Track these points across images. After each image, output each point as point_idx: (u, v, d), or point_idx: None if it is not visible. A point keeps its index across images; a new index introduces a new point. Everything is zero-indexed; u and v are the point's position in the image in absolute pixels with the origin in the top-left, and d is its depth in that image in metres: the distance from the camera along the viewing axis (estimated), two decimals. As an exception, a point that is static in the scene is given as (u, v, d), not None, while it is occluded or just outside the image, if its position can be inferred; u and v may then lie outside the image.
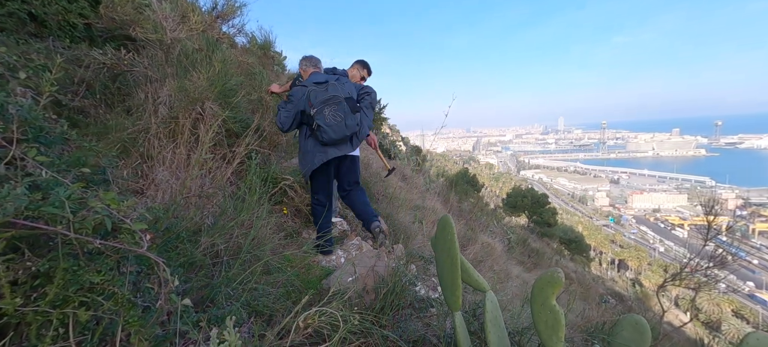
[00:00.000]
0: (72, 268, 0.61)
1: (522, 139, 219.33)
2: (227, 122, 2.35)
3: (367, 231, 2.55)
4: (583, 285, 13.82)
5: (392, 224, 3.69)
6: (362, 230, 2.88)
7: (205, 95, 2.38)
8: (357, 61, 2.95)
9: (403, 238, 3.74)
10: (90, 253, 0.66)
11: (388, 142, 11.44)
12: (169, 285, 0.69)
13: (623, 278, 38.08)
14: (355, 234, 2.59)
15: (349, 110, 2.18)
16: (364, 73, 2.88)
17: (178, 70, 2.81)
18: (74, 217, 0.61)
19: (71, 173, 0.80)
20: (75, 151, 1.04)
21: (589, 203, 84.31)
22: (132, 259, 0.71)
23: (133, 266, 0.72)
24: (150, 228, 0.91)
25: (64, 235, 0.60)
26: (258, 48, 6.08)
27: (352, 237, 2.50)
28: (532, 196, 24.44)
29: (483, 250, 6.80)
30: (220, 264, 1.35)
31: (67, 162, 0.84)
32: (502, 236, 10.76)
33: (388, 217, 3.77)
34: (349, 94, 2.25)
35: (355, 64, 2.93)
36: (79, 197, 0.64)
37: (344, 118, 2.18)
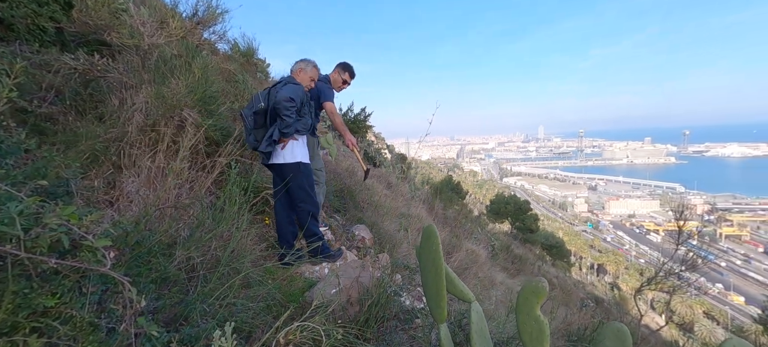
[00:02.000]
0: (23, 291, 0.55)
1: (504, 147, 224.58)
2: (208, 130, 2.28)
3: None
4: (564, 290, 14.14)
5: (377, 232, 3.66)
6: (347, 240, 2.84)
7: (184, 102, 2.31)
8: (338, 65, 2.90)
9: (388, 247, 3.71)
10: (45, 273, 0.60)
11: (373, 150, 11.44)
12: (135, 305, 0.64)
13: (602, 282, 39.22)
14: (340, 244, 2.55)
15: (252, 127, 2.22)
16: (346, 76, 2.82)
17: (156, 77, 2.71)
18: (26, 235, 0.56)
19: (28, 185, 0.73)
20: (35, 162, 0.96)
21: (568, 210, 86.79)
22: (95, 278, 0.65)
23: (95, 285, 0.66)
24: (117, 243, 0.85)
25: (14, 255, 0.54)
26: (240, 55, 5.99)
27: (336, 246, 2.45)
28: (515, 203, 24.94)
29: (468, 257, 6.85)
30: (196, 279, 1.28)
31: (25, 174, 0.78)
32: (486, 242, 10.89)
33: (373, 225, 3.74)
34: (258, 109, 2.20)
35: (336, 68, 2.88)
36: (33, 213, 0.59)
37: (246, 136, 2.28)
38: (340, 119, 2.57)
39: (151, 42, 2.52)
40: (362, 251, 2.72)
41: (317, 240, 2.29)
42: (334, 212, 3.55)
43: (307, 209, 2.29)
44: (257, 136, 2.22)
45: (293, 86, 2.21)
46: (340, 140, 9.97)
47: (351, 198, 4.00)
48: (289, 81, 2.26)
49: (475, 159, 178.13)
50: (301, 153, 2.30)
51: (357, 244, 2.85)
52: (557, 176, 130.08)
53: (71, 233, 0.61)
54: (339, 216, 3.49)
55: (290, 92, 2.14)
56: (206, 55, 2.97)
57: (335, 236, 2.72)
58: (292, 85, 2.22)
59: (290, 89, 2.17)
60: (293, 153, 2.27)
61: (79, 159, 1.92)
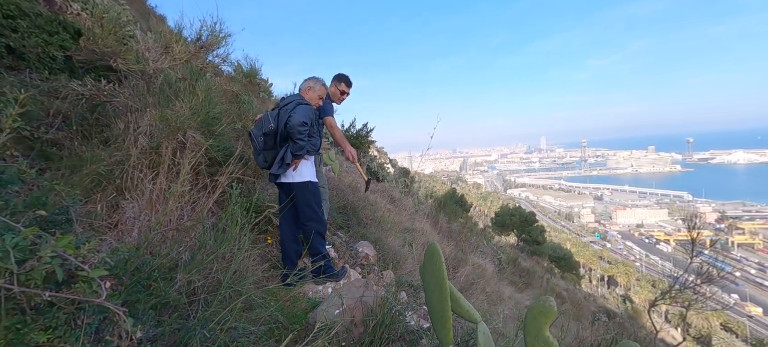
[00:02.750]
0: (15, 326, 0.54)
1: (507, 158, 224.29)
2: (210, 151, 2.29)
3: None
4: (575, 303, 13.78)
5: (381, 249, 3.62)
6: (350, 257, 2.80)
7: (188, 123, 2.34)
8: (334, 78, 2.89)
9: (392, 263, 3.66)
10: (39, 307, 0.59)
11: (376, 164, 11.46)
12: (131, 336, 0.63)
13: (613, 294, 38.25)
14: (343, 262, 2.51)
15: (261, 148, 2.24)
16: (342, 86, 2.82)
17: (161, 100, 2.76)
18: (20, 267, 0.55)
19: (27, 215, 0.73)
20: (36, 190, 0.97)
21: (575, 220, 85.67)
22: (91, 309, 0.64)
23: (91, 316, 0.65)
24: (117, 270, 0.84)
25: (7, 289, 0.53)
26: (244, 76, 6.11)
27: (340, 264, 2.42)
28: (520, 214, 24.66)
29: (474, 272, 6.72)
30: (197, 303, 1.26)
31: (25, 203, 0.78)
32: (492, 256, 10.72)
33: (377, 242, 3.70)
34: (268, 130, 2.20)
35: (332, 81, 2.88)
36: (29, 245, 0.58)
37: (256, 155, 2.30)
38: (340, 133, 2.58)
39: (155, 67, 2.58)
40: (366, 268, 2.68)
41: (321, 259, 2.26)
42: (338, 229, 3.52)
43: (314, 227, 2.27)
44: (267, 157, 2.23)
45: (304, 108, 2.21)
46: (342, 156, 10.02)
47: (354, 214, 3.98)
48: (300, 102, 2.25)
49: (479, 171, 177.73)
50: (310, 172, 2.30)
51: (361, 261, 2.81)
52: (562, 186, 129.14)
53: (67, 264, 0.60)
54: (342, 233, 3.46)
55: (303, 116, 2.14)
56: (210, 78, 3.02)
57: (338, 254, 2.69)
58: (303, 107, 2.21)
59: (302, 113, 2.16)
60: (302, 173, 2.26)
61: (83, 183, 1.93)
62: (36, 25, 2.75)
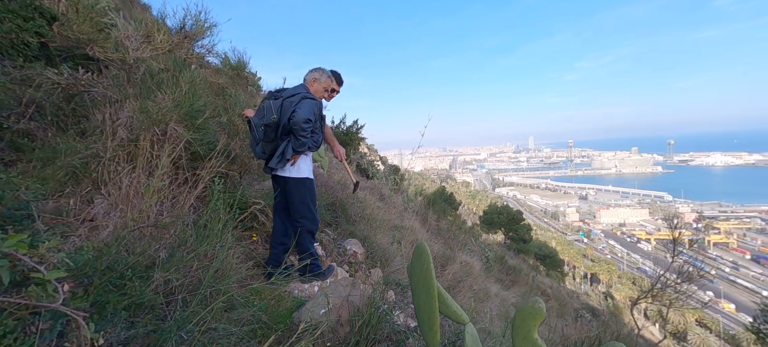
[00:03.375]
0: (-43, 334, 0.49)
1: (496, 157, 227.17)
2: (193, 145, 2.21)
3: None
4: (559, 300, 14.09)
5: (370, 246, 3.59)
6: (338, 255, 2.77)
7: (170, 116, 2.25)
8: None
9: (381, 261, 3.63)
10: (-12, 312, 0.54)
11: (365, 162, 11.41)
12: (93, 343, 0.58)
13: (596, 291, 39.30)
14: (331, 260, 2.47)
15: (260, 138, 2.13)
16: (334, 84, 2.72)
17: (143, 91, 2.65)
18: (-38, 271, 0.50)
19: (-21, 211, 0.67)
20: (-5, 183, 0.89)
21: (560, 219, 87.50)
22: (47, 314, 0.59)
23: (48, 322, 0.60)
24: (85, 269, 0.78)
25: (-52, 293, 0.49)
26: (231, 69, 5.97)
27: (327, 262, 2.38)
28: (508, 213, 25.02)
29: (462, 269, 6.78)
30: (174, 303, 1.21)
31: (-22, 198, 0.72)
32: (480, 254, 10.84)
33: (365, 239, 3.67)
34: (270, 121, 2.09)
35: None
36: (-25, 244, 0.53)
37: (253, 145, 2.21)
38: (329, 130, 2.53)
39: (136, 56, 2.47)
40: (354, 266, 2.65)
41: (309, 257, 2.20)
42: (326, 226, 3.47)
43: (306, 225, 2.20)
44: (266, 148, 2.14)
45: (310, 103, 2.12)
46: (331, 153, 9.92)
47: (343, 212, 3.93)
48: (306, 96, 2.14)
49: (468, 170, 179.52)
50: (308, 169, 2.23)
51: (348, 259, 2.78)
52: (548, 185, 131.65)
53: (21, 265, 0.55)
54: (330, 230, 3.41)
55: (308, 112, 2.05)
56: (194, 69, 2.92)
57: (326, 252, 2.65)
58: (309, 102, 2.12)
59: (308, 109, 2.07)
60: (300, 169, 2.19)
61: (56, 177, 1.83)
62: (9, 10, 2.60)
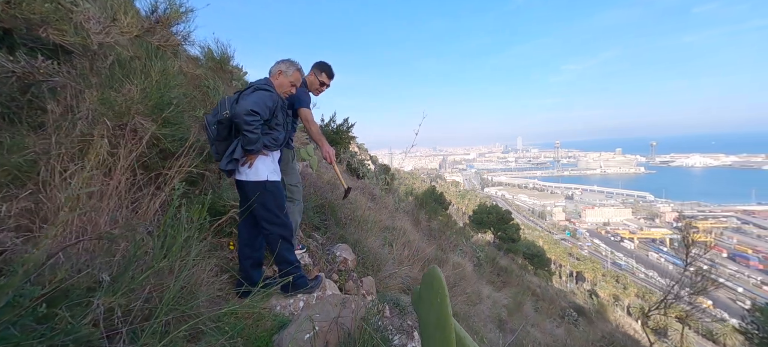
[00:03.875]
0: None
1: (485, 157, 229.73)
2: (163, 141, 1.96)
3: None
4: (547, 299, 14.21)
5: (361, 251, 3.38)
6: (327, 263, 2.54)
7: (136, 108, 1.98)
8: (314, 65, 2.54)
9: (372, 267, 3.43)
10: None
11: (356, 161, 11.16)
12: None
13: (581, 289, 40.10)
14: (318, 269, 2.25)
15: (214, 137, 1.90)
16: (323, 77, 2.49)
17: (109, 81, 2.37)
18: None
19: None
20: None
21: (547, 218, 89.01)
22: None
23: None
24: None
25: None
26: (214, 61, 5.65)
27: (315, 273, 2.15)
28: (497, 213, 25.20)
29: (455, 272, 6.65)
30: (119, 338, 0.97)
31: None
32: (471, 254, 10.76)
33: (356, 244, 3.46)
34: (222, 117, 1.86)
35: (312, 69, 2.53)
36: None
37: (210, 145, 2.00)
38: (317, 128, 2.29)
39: (99, 41, 2.19)
40: (344, 275, 2.44)
41: (291, 269, 1.96)
42: (314, 230, 3.24)
43: (275, 232, 1.95)
44: (219, 148, 1.89)
45: (262, 94, 1.90)
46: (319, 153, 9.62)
47: (332, 214, 3.71)
48: (260, 87, 1.94)
49: (457, 170, 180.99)
50: (268, 170, 1.96)
51: (338, 267, 2.56)
52: (536, 185, 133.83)
53: None
54: (319, 235, 3.18)
55: (254, 103, 1.82)
56: (168, 58, 2.65)
57: (314, 260, 2.42)
58: (262, 93, 1.90)
59: (255, 99, 1.85)
60: (258, 170, 1.92)
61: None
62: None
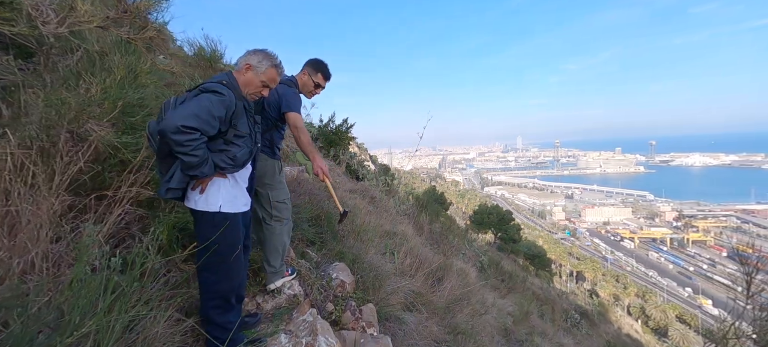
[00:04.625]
0: None
1: (484, 157, 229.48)
2: (122, 151, 1.63)
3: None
4: (549, 302, 13.94)
5: (360, 268, 3.05)
6: (321, 288, 2.20)
7: (91, 111, 1.65)
8: (307, 64, 2.13)
9: (373, 287, 3.10)
10: None
11: (355, 162, 10.83)
12: None
13: (581, 289, 39.95)
14: (310, 303, 1.91)
15: (155, 149, 1.45)
16: (318, 77, 2.10)
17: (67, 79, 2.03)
18: None
19: None
20: None
21: (547, 218, 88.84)
22: None
23: None
24: None
25: None
26: (203, 59, 5.31)
27: (305, 308, 1.81)
28: (498, 213, 24.96)
29: (459, 279, 6.33)
30: None
31: None
32: (474, 258, 10.45)
33: (355, 260, 3.13)
34: (156, 129, 1.39)
35: (305, 68, 2.13)
36: None
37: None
38: (308, 138, 1.91)
39: (51, 32, 1.86)
40: (341, 303, 2.10)
41: (217, 332, 1.45)
42: (308, 246, 2.91)
43: (211, 284, 1.46)
44: (163, 167, 1.44)
45: (203, 100, 1.36)
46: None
47: (329, 227, 3.37)
48: (208, 88, 1.41)
49: (457, 169, 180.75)
50: (223, 198, 1.46)
51: (335, 292, 2.23)
52: (536, 185, 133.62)
53: None
54: (314, 251, 2.85)
55: (186, 116, 1.29)
56: (140, 53, 2.31)
57: (305, 287, 2.08)
58: (205, 98, 1.37)
59: (192, 109, 1.32)
60: (207, 199, 1.44)
61: None
62: None
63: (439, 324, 4.04)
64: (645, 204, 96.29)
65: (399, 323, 3.17)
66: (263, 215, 1.94)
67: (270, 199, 1.91)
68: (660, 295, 46.87)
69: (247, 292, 1.87)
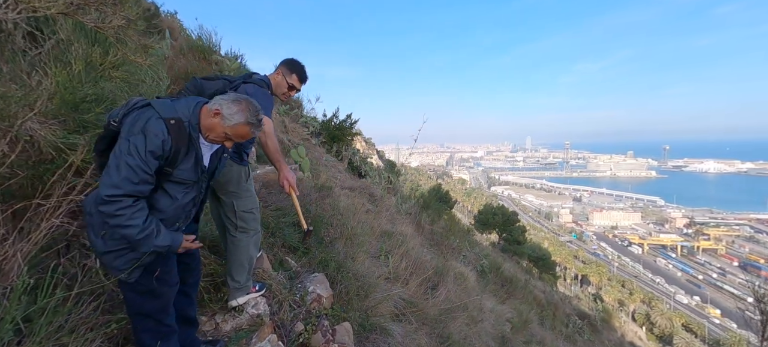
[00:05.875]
0: None
1: (493, 156, 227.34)
2: (67, 154, 1.47)
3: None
4: (551, 306, 13.68)
5: (344, 277, 2.87)
6: (293, 304, 2.03)
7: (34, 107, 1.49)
8: (283, 63, 1.96)
9: (358, 297, 2.92)
10: None
11: (358, 159, 10.65)
12: None
13: (586, 293, 39.45)
14: (273, 325, 1.74)
15: (97, 164, 1.28)
16: (293, 79, 1.90)
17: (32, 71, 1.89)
18: None
19: None
20: None
21: (554, 220, 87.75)
22: None
23: None
24: None
25: None
26: (198, 50, 5.17)
27: (266, 332, 1.64)
28: (503, 214, 24.67)
29: (456, 284, 6.14)
30: None
31: None
32: (475, 261, 10.23)
33: (340, 267, 2.96)
34: (108, 132, 1.22)
35: (280, 68, 1.95)
36: None
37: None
38: (275, 144, 1.72)
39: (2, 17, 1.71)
40: (313, 321, 1.93)
41: None
42: (290, 253, 2.75)
43: (137, 306, 1.26)
44: (101, 163, 1.25)
45: (134, 145, 1.11)
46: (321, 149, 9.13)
47: (315, 232, 3.19)
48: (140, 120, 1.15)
49: (464, 167, 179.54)
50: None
51: (308, 307, 2.06)
52: (543, 186, 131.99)
53: None
54: (294, 259, 2.68)
55: (112, 184, 1.08)
56: (110, 43, 2.15)
57: (273, 305, 1.89)
58: (135, 142, 1.11)
59: (117, 167, 1.09)
60: None
61: None
62: None
63: (430, 334, 3.85)
64: (655, 210, 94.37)
65: (385, 334, 2.99)
66: (228, 225, 1.78)
67: (235, 208, 1.74)
68: (666, 302, 46.08)
69: (206, 309, 1.71)
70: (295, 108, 9.76)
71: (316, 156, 8.08)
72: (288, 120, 8.84)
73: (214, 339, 1.56)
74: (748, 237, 72.45)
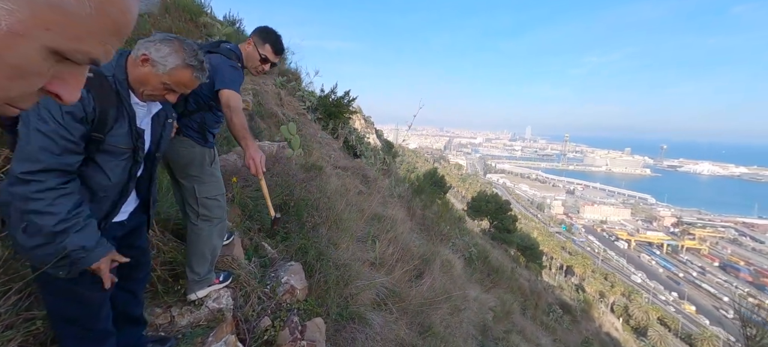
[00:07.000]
0: None
1: (491, 143, 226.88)
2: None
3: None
4: (535, 294, 13.98)
5: (324, 266, 2.76)
6: (263, 295, 1.92)
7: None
8: (255, 32, 1.74)
9: (337, 286, 2.83)
10: None
11: (354, 138, 10.42)
12: None
13: (569, 283, 40.56)
14: (235, 322, 1.62)
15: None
16: (266, 49, 1.69)
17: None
18: None
19: None
20: None
21: (545, 211, 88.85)
22: None
23: None
24: None
25: None
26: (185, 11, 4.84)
27: (225, 330, 1.51)
28: (496, 202, 24.84)
29: (442, 272, 6.12)
30: None
31: None
32: (464, 249, 10.27)
33: (320, 255, 2.84)
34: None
35: (252, 37, 1.73)
36: None
37: None
38: (242, 120, 1.52)
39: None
40: (282, 316, 1.82)
41: None
42: (267, 239, 2.61)
43: (56, 310, 1.08)
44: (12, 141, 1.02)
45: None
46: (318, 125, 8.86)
47: (297, 215, 3.06)
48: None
49: (462, 153, 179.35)
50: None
51: (279, 300, 1.95)
52: (539, 176, 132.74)
53: None
54: (270, 245, 2.55)
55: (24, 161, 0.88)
56: None
57: (237, 297, 1.75)
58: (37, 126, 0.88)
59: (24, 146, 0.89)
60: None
61: None
62: None
63: (410, 323, 3.81)
64: (645, 207, 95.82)
65: (363, 324, 2.93)
66: (188, 212, 1.62)
67: (196, 194, 1.58)
68: (645, 296, 47.64)
69: (161, 300, 1.58)
70: (293, 80, 9.39)
71: (310, 133, 7.85)
72: (284, 93, 8.52)
73: (166, 335, 1.44)
74: (731, 240, 74.26)
